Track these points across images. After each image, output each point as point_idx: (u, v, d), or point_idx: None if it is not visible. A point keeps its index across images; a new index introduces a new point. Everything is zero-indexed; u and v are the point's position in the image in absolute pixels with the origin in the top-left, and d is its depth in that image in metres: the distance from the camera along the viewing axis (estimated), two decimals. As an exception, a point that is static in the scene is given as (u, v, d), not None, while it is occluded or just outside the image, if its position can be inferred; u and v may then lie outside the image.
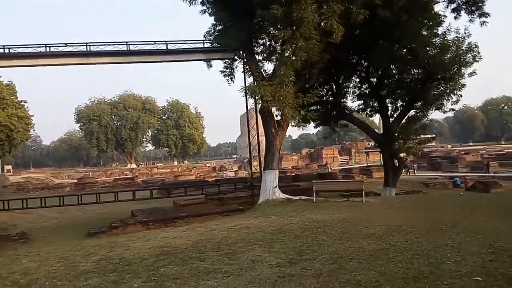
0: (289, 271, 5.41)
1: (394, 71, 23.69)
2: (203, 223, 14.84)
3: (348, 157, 64.58)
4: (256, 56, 17.31)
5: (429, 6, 17.81)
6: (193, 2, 19.99)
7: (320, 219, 9.30)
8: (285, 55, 14.03)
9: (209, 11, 21.14)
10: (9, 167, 66.90)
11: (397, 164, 22.94)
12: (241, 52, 17.38)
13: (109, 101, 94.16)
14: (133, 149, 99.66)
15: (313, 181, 15.44)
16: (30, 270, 6.25)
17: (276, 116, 14.70)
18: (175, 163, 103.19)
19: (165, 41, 17.32)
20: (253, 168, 25.13)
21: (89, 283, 5.34)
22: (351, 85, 25.93)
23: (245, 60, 17.42)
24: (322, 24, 13.76)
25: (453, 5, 19.07)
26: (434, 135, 31.58)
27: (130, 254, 6.89)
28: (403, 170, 48.04)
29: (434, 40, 20.61)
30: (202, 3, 20.89)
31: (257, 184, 27.82)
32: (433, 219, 9.43)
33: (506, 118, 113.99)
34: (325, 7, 13.03)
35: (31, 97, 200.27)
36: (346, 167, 54.32)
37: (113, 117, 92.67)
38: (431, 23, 18.78)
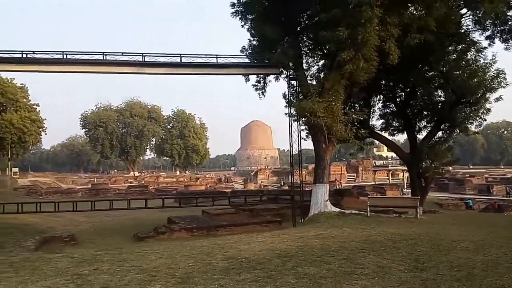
0: (424, 275, 5.93)
1: (420, 92, 24.46)
2: (251, 232, 15.28)
3: (355, 174, 65.27)
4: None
5: (470, 33, 18.64)
6: (235, 15, 20.95)
7: (397, 233, 9.81)
8: (340, 74, 14.70)
9: (248, 27, 22.00)
10: (16, 169, 66.76)
11: (424, 184, 23.54)
12: (287, 68, 18.03)
13: (116, 108, 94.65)
14: (137, 157, 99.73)
15: (368, 196, 15.95)
16: (173, 265, 6.71)
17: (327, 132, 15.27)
18: (178, 172, 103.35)
19: (216, 55, 17.95)
20: (265, 181, 25.60)
21: (244, 277, 5.79)
22: (376, 103, 26.66)
23: (291, 76, 18.07)
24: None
25: (487, 33, 19.91)
26: (458, 158, 32.31)
27: (249, 255, 7.36)
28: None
29: (464, 64, 21.45)
30: (242, 19, 21.76)
31: (285, 198, 28.26)
32: (501, 235, 9.98)
33: (506, 142, 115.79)
34: (385, 30, 13.76)
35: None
36: (354, 184, 54.88)
37: (119, 124, 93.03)
38: (469, 49, 19.57)
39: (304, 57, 17.80)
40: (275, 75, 21.20)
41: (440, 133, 24.06)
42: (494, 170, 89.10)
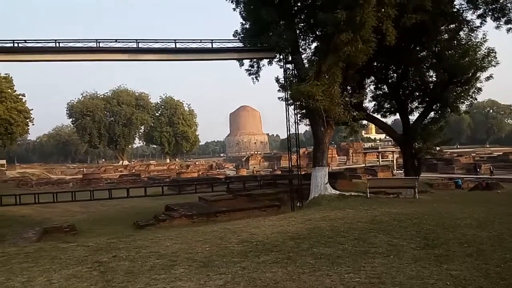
0: (436, 252, 6.15)
1: (412, 73, 24.62)
2: (250, 217, 15.44)
3: (345, 157, 65.96)
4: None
5: (463, 12, 18.79)
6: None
7: (400, 212, 10.06)
8: (338, 56, 14.74)
9: (241, 10, 21.78)
10: (4, 161, 65.70)
11: (417, 164, 23.97)
12: (283, 51, 17.96)
13: (102, 96, 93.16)
14: (126, 146, 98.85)
15: (367, 178, 16.22)
16: (190, 250, 6.82)
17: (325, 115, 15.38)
18: (167, 160, 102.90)
19: (211, 40, 17.79)
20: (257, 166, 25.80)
21: (264, 259, 5.91)
22: (368, 85, 26.81)
23: (286, 60, 18.04)
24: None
25: (479, 11, 20.06)
26: (450, 137, 32.82)
27: (262, 238, 7.51)
28: (402, 171, 49.59)
29: (456, 43, 21.61)
30: (234, 1, 21.51)
31: (280, 182, 28.45)
32: (500, 211, 10.32)
33: (492, 121, 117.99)
34: (382, 10, 13.82)
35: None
36: (346, 167, 55.51)
37: (106, 112, 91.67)
38: (461, 28, 19.74)
39: (299, 40, 17.73)
40: (269, 59, 21.19)
41: (432, 114, 24.45)
42: (481, 149, 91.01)
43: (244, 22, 22.08)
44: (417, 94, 25.25)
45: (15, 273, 5.72)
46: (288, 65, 18.20)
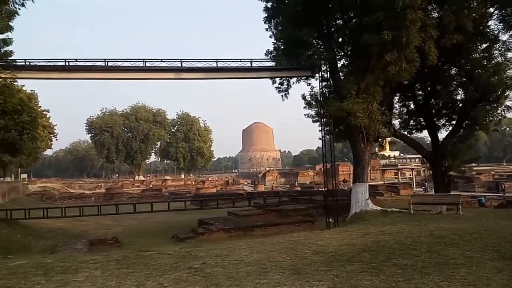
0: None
1: (441, 91, 24.85)
2: (286, 232, 15.71)
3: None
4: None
5: (499, 32, 19.18)
6: (266, 20, 21.44)
7: (454, 227, 10.25)
8: (379, 75, 15.21)
9: (274, 31, 22.52)
10: (25, 176, 66.96)
11: (447, 181, 24.01)
12: (319, 70, 18.50)
13: (121, 112, 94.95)
14: (142, 161, 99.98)
15: (411, 194, 16.41)
16: (270, 259, 7.16)
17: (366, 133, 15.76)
18: (182, 176, 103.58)
19: (251, 59, 18.44)
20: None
21: (350, 269, 6.23)
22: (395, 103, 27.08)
23: (323, 78, 18.55)
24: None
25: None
26: (480, 155, 32.79)
27: (334, 250, 7.82)
28: (422, 189, 49.25)
29: (487, 62, 21.90)
30: (268, 22, 22.27)
31: (303, 198, 28.57)
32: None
33: (509, 139, 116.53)
34: (427, 30, 14.30)
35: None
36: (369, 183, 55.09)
37: (124, 128, 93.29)
38: (492, 47, 20.08)
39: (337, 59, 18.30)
40: (297, 78, 21.79)
41: (461, 131, 24.58)
42: (498, 167, 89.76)
43: (277, 42, 22.83)
44: (445, 111, 25.46)
45: (119, 277, 6.11)
46: (323, 83, 18.76)
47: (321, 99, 18.89)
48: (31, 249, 14.22)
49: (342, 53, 19.72)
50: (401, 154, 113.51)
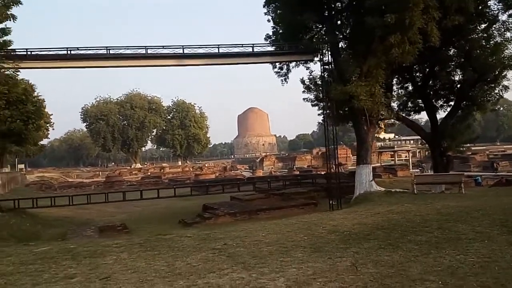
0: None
1: (439, 72, 25.00)
2: (290, 215, 16.03)
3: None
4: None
5: (498, 12, 19.26)
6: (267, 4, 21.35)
7: (460, 205, 10.58)
8: (381, 58, 15.33)
9: (274, 15, 22.46)
10: (22, 166, 66.79)
11: (446, 162, 24.41)
12: (321, 53, 18.56)
13: (116, 100, 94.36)
14: (139, 149, 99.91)
15: (414, 174, 16.75)
16: (288, 238, 7.43)
17: (368, 114, 15.96)
18: (179, 163, 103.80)
19: (252, 44, 18.44)
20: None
21: (368, 246, 6.50)
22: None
23: (324, 61, 18.62)
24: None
25: (511, 11, 20.46)
26: (478, 135, 33.20)
27: (348, 229, 8.10)
28: (419, 170, 49.91)
29: (485, 43, 22.02)
30: (266, 5, 22.18)
31: (307, 181, 28.89)
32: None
33: (502, 119, 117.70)
34: (429, 12, 14.40)
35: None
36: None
37: (120, 116, 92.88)
38: (491, 28, 20.19)
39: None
40: (301, 61, 21.86)
41: (459, 112, 24.87)
42: (492, 147, 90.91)
43: (277, 26, 22.78)
44: (442, 92, 25.68)
45: (147, 258, 6.33)
46: (324, 66, 18.85)
47: (322, 82, 18.99)
48: (42, 237, 14.41)
49: (341, 36, 19.75)
50: (396, 136, 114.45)
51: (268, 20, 23.09)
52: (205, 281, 4.98)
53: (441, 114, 26.51)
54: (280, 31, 22.36)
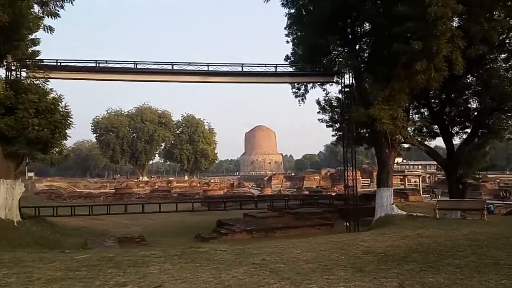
0: None
1: (457, 99, 25.20)
2: (306, 235, 16.07)
3: (369, 179, 66.04)
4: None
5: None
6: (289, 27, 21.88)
7: (486, 232, 10.58)
8: (406, 83, 15.60)
9: (294, 37, 22.98)
10: (32, 174, 67.20)
11: (462, 188, 24.33)
12: (343, 76, 18.89)
13: (127, 113, 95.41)
14: (146, 162, 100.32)
15: (437, 200, 16.77)
16: (325, 257, 7.49)
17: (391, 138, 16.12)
18: (186, 177, 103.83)
19: (275, 64, 18.83)
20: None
21: (410, 267, 6.51)
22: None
23: (345, 84, 18.92)
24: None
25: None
26: (495, 163, 33.12)
27: (382, 250, 8.15)
28: (429, 195, 49.54)
29: (503, 72, 22.25)
30: (289, 27, 22.71)
31: (322, 202, 28.81)
32: None
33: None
34: (454, 41, 14.71)
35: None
36: (370, 189, 55.50)
37: (130, 129, 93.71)
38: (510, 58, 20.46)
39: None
40: (320, 83, 22.22)
41: (476, 139, 24.96)
42: (502, 175, 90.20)
43: (296, 48, 23.29)
44: (459, 119, 25.85)
45: (190, 270, 6.41)
46: (345, 89, 19.16)
47: (342, 104, 19.25)
48: (63, 245, 14.49)
49: (361, 60, 20.13)
50: (404, 161, 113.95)
51: (287, 42, 23.68)
52: (257, 294, 5.06)
53: (455, 141, 26.67)
54: (300, 52, 22.88)
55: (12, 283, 5.58)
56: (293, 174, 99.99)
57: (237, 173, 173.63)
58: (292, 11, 21.69)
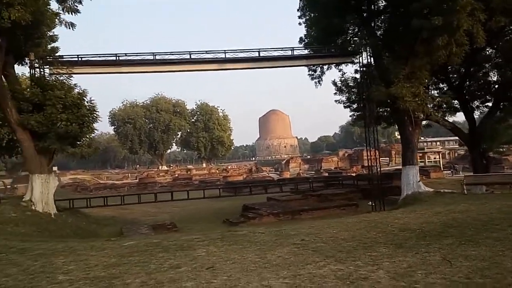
0: None
1: (476, 72, 24.68)
2: (332, 216, 16.28)
3: (388, 158, 65.62)
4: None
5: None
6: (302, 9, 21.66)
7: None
8: (422, 58, 15.42)
9: (308, 18, 22.73)
10: (56, 168, 68.95)
11: (485, 163, 24.07)
12: (360, 56, 18.73)
13: (142, 104, 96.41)
14: (164, 151, 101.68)
15: (465, 175, 16.76)
16: (363, 235, 7.69)
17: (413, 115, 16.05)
18: (204, 165, 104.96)
19: (292, 48, 18.80)
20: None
21: (448, 242, 6.66)
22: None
23: (363, 64, 18.77)
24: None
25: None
26: None
27: (418, 227, 8.30)
28: (450, 171, 49.03)
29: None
30: (302, 9, 22.47)
31: (347, 182, 28.91)
32: None
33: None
34: (475, 14, 14.44)
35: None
36: (390, 168, 55.20)
37: (146, 120, 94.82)
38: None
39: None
40: (337, 64, 22.06)
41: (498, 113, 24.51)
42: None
43: (310, 29, 23.06)
44: (479, 93, 25.38)
45: (236, 251, 6.71)
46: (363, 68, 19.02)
47: (361, 84, 19.15)
48: (101, 235, 15.11)
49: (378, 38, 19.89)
50: (422, 138, 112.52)
51: (300, 24, 23.43)
52: (307, 271, 5.29)
53: (475, 115, 26.23)
54: (314, 34, 22.65)
55: (74, 270, 5.95)
56: (308, 156, 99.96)
57: (253, 158, 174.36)
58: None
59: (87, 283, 5.20)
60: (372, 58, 18.14)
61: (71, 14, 16.19)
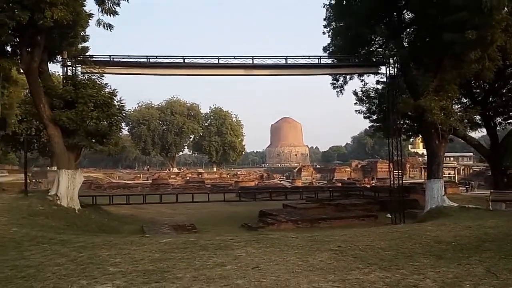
0: None
1: (499, 88, 24.54)
2: (351, 226, 16.24)
3: (402, 171, 65.13)
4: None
5: None
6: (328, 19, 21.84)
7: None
8: (451, 72, 15.43)
9: (333, 28, 22.89)
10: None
11: (506, 180, 23.83)
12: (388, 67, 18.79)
13: (157, 106, 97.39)
14: (176, 153, 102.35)
15: (491, 191, 16.69)
16: (398, 246, 7.73)
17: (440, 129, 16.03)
18: (214, 169, 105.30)
19: (319, 56, 18.96)
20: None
21: (487, 255, 6.70)
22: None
23: (391, 75, 18.81)
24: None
25: None
26: None
27: (452, 240, 8.30)
28: (465, 188, 48.42)
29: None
30: (328, 18, 22.64)
31: (362, 194, 28.73)
32: None
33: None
34: (508, 30, 14.44)
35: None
36: (407, 181, 54.64)
37: (160, 122, 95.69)
38: None
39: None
40: (363, 74, 22.13)
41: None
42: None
43: (335, 39, 23.22)
44: (502, 109, 25.22)
45: (274, 253, 6.80)
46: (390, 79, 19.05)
47: (386, 95, 19.18)
48: (122, 232, 15.32)
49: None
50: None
51: (323, 33, 23.60)
52: (354, 277, 5.37)
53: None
54: (339, 44, 22.81)
55: (121, 263, 6.12)
56: (318, 166, 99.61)
57: (263, 165, 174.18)
58: (333, 1, 21.63)
59: (139, 275, 5.35)
60: (398, 70, 18.16)
61: (110, 15, 16.56)
